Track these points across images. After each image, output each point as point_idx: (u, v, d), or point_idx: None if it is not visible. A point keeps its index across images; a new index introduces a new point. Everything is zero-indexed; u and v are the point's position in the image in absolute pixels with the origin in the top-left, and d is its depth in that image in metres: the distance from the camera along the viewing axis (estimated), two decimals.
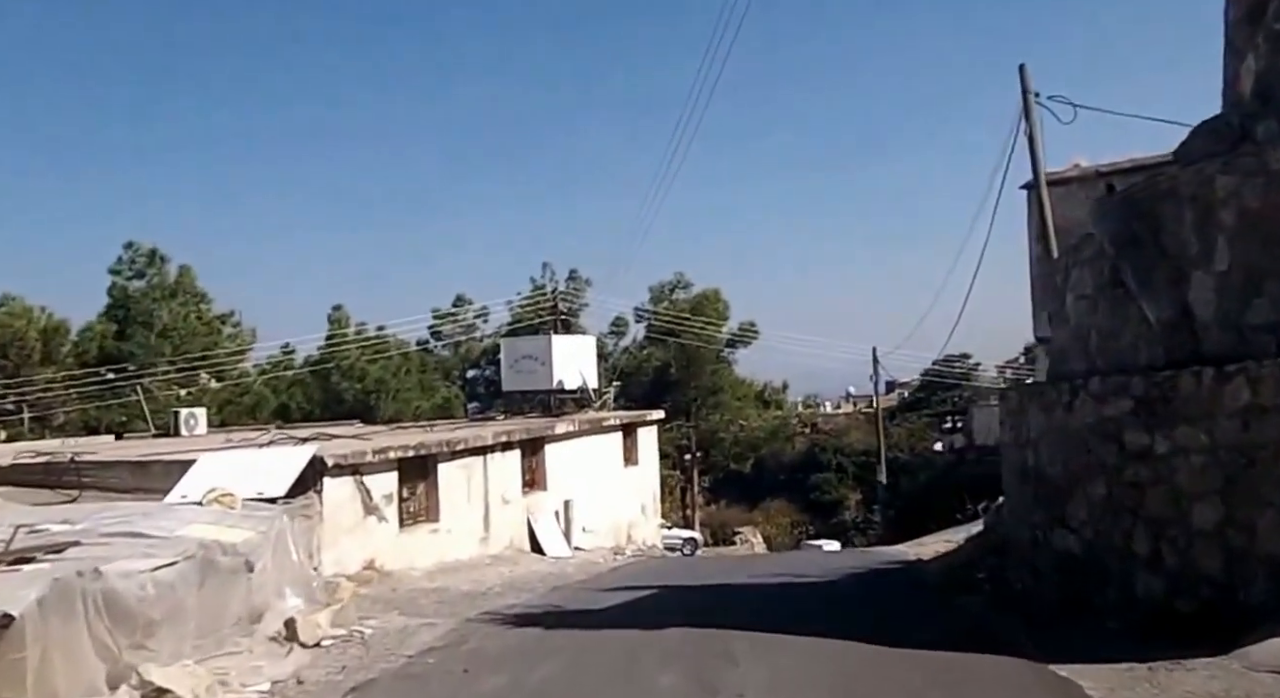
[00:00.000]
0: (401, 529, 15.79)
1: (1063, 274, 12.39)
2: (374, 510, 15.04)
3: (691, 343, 43.60)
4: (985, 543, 15.06)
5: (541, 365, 24.14)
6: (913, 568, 15.79)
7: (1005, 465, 12.92)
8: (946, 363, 69.44)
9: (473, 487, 17.75)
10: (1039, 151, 19.43)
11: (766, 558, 19.12)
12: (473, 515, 17.71)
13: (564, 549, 19.82)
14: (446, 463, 16.96)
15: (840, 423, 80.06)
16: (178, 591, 8.03)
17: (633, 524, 24.51)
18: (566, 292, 43.44)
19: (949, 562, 15.32)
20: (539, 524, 19.61)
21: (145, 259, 35.48)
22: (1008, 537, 13.46)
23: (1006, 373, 68.37)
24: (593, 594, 14.30)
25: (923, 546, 19.35)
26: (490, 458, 18.34)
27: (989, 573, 13.35)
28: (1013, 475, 12.38)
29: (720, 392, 45.61)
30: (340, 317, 40.49)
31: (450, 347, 47.89)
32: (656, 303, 45.82)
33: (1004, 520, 15.78)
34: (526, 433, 19.74)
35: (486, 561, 17.65)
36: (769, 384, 50.10)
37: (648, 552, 23.62)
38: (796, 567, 16.97)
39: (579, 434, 22.06)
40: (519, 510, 19.28)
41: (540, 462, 20.51)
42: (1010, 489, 12.78)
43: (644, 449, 25.74)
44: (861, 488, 72.22)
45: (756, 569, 16.76)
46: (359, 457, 14.59)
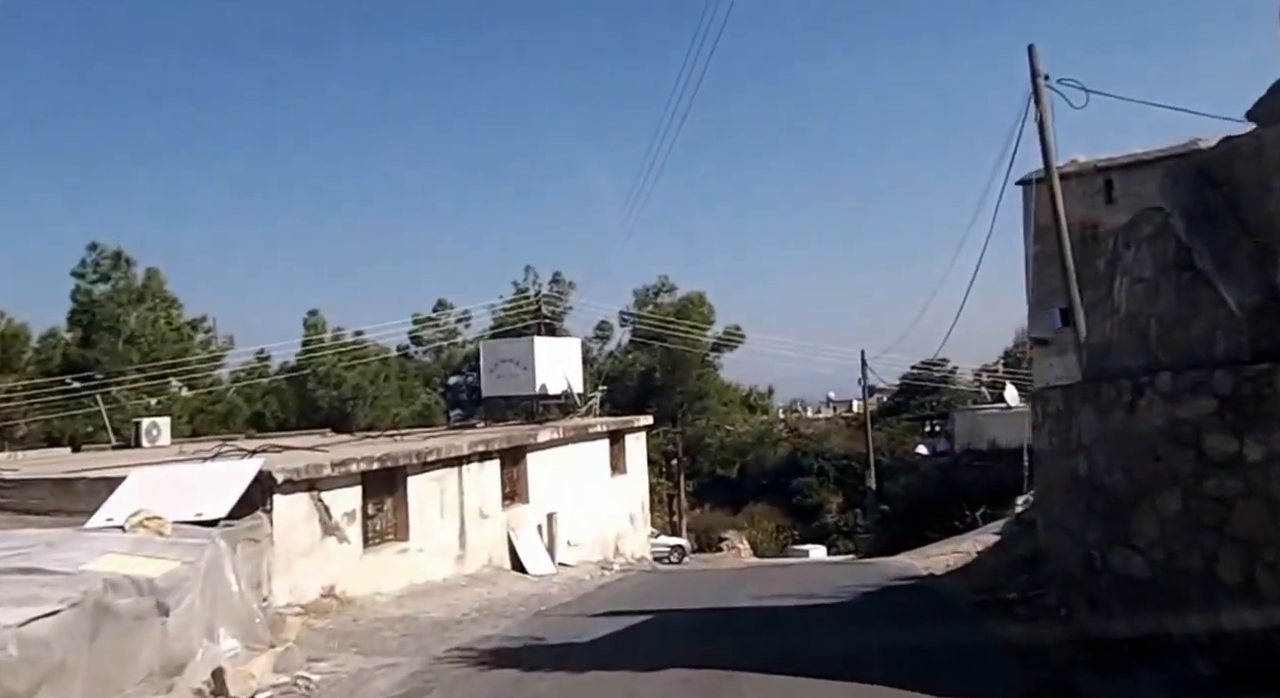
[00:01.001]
0: (366, 550, 13.97)
1: (1108, 257, 10.74)
2: (334, 530, 13.22)
3: (677, 347, 41.91)
4: (1008, 557, 13.38)
5: (524, 370, 22.35)
6: (928, 585, 14.08)
7: (1043, 474, 11.22)
8: (925, 367, 68.20)
9: (446, 501, 15.95)
10: (1050, 137, 17.80)
11: (761, 572, 17.37)
12: (447, 532, 15.90)
13: (547, 566, 18.02)
14: (417, 476, 15.15)
15: (820, 428, 78.64)
16: (55, 649, 6.22)
17: (621, 536, 22.72)
18: (550, 295, 41.69)
19: (969, 578, 13.62)
20: (520, 540, 17.82)
21: (110, 262, 33.45)
22: (1041, 552, 11.80)
23: (982, 377, 67.20)
24: (579, 622, 12.53)
25: (929, 557, 17.66)
26: (466, 469, 16.54)
27: (1022, 594, 11.66)
28: (1056, 486, 10.66)
29: (706, 397, 43.94)
30: (316, 322, 38.52)
31: (431, 352, 46.00)
32: (641, 306, 44.15)
33: (1030, 533, 14.10)
34: (506, 441, 17.95)
35: (462, 581, 15.83)
36: (754, 389, 48.45)
37: (637, 565, 21.84)
38: (799, 584, 15.25)
39: (563, 442, 20.28)
40: (498, 525, 17.48)
41: (521, 472, 18.73)
42: (1051, 501, 11.06)
43: (632, 457, 23.98)
44: (843, 491, 71.12)
45: (756, 587, 15.03)
46: (315, 471, 12.77)
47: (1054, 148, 17.84)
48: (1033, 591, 11.58)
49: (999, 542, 15.15)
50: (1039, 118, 17.75)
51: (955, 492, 26.67)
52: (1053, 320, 18.08)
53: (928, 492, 28.21)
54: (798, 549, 50.27)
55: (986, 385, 62.42)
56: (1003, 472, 28.39)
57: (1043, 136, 17.86)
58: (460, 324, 44.68)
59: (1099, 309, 11.07)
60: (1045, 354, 26.17)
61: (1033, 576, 11.86)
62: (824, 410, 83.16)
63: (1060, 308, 17.72)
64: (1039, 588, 11.42)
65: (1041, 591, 11.32)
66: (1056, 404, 10.50)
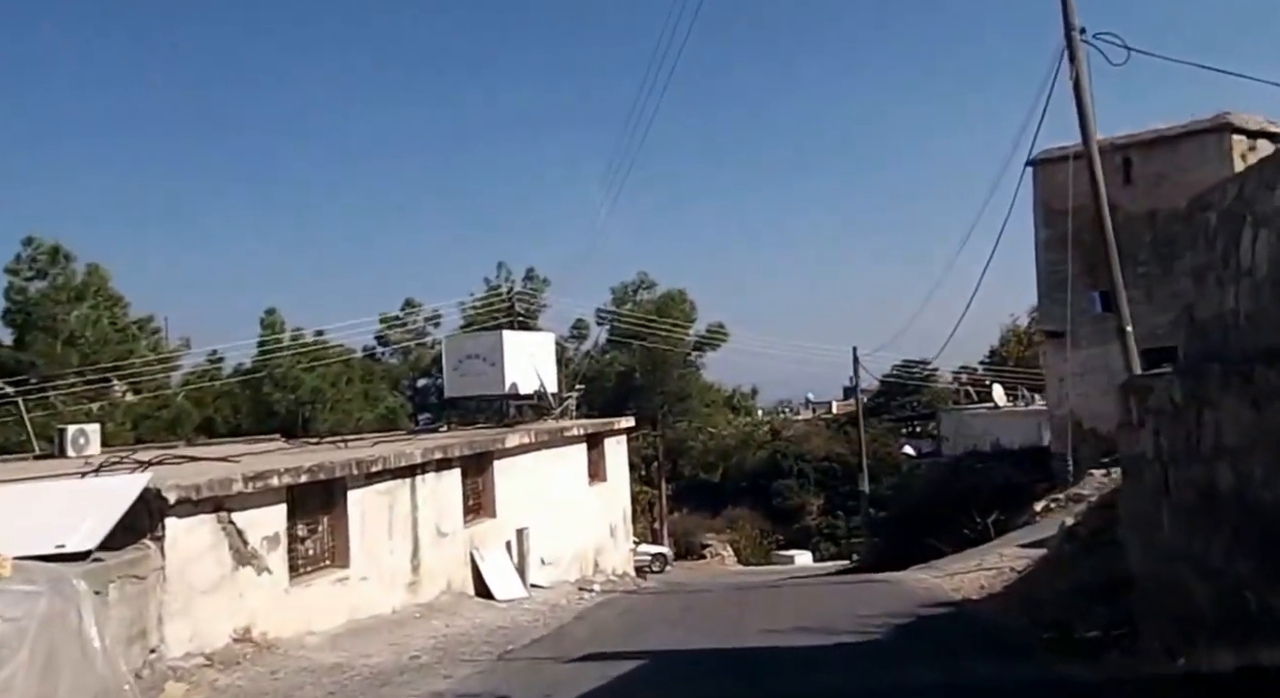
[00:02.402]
0: (294, 582, 11.33)
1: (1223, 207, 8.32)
2: (249, 559, 10.57)
3: (657, 346, 39.40)
4: (1068, 581, 10.93)
5: (491, 367, 19.73)
6: (970, 616, 11.62)
7: (1141, 485, 8.75)
8: (905, 368, 66.13)
9: (397, 518, 13.33)
10: (1086, 98, 15.42)
11: (762, 593, 14.82)
12: (397, 555, 13.28)
13: (517, 590, 15.43)
14: (359, 489, 12.52)
15: (800, 430, 76.45)
16: None
17: (600, 551, 20.15)
18: (524, 292, 39.05)
19: (1019, 607, 11.15)
20: (486, 561, 15.22)
21: (47, 257, 30.48)
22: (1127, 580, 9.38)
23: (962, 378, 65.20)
24: (553, 671, 9.96)
25: (952, 575, 15.21)
26: (421, 480, 13.93)
27: (1104, 632, 9.22)
28: (1169, 502, 8.18)
29: (688, 398, 41.48)
30: (274, 321, 35.71)
31: (399, 354, 43.26)
32: (619, 304, 41.61)
33: (1091, 553, 11.67)
34: (469, 448, 15.34)
35: (416, 613, 13.20)
36: (738, 390, 45.99)
37: (620, 584, 19.28)
38: (812, 611, 12.76)
39: (535, 447, 17.68)
40: (459, 545, 14.87)
41: (487, 482, 16.13)
42: (1156, 520, 8.56)
43: (612, 463, 21.42)
44: (824, 494, 69.08)
45: (762, 615, 12.52)
46: (223, 487, 10.12)
47: (1091, 110, 15.44)
48: (1118, 629, 9.15)
49: (1045, 561, 12.70)
50: (1074, 76, 15.38)
51: (960, 496, 24.26)
52: (1092, 305, 15.73)
53: (930, 495, 25.77)
54: (782, 555, 47.90)
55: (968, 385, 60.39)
56: (1008, 474, 26.10)
57: (1078, 97, 15.48)
58: (429, 324, 42.02)
59: (1210, 275, 8.64)
60: (1058, 347, 23.82)
61: (1113, 609, 9.42)
62: (803, 412, 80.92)
63: (1100, 291, 15.31)
64: (1127, 625, 8.97)
65: (1131, 629, 8.88)
66: (1170, 395, 7.96)
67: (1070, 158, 23.42)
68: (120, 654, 8.34)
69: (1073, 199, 23.53)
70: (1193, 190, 22.01)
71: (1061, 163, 23.71)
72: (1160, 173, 21.80)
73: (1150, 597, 8.56)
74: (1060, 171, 23.80)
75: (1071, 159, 23.35)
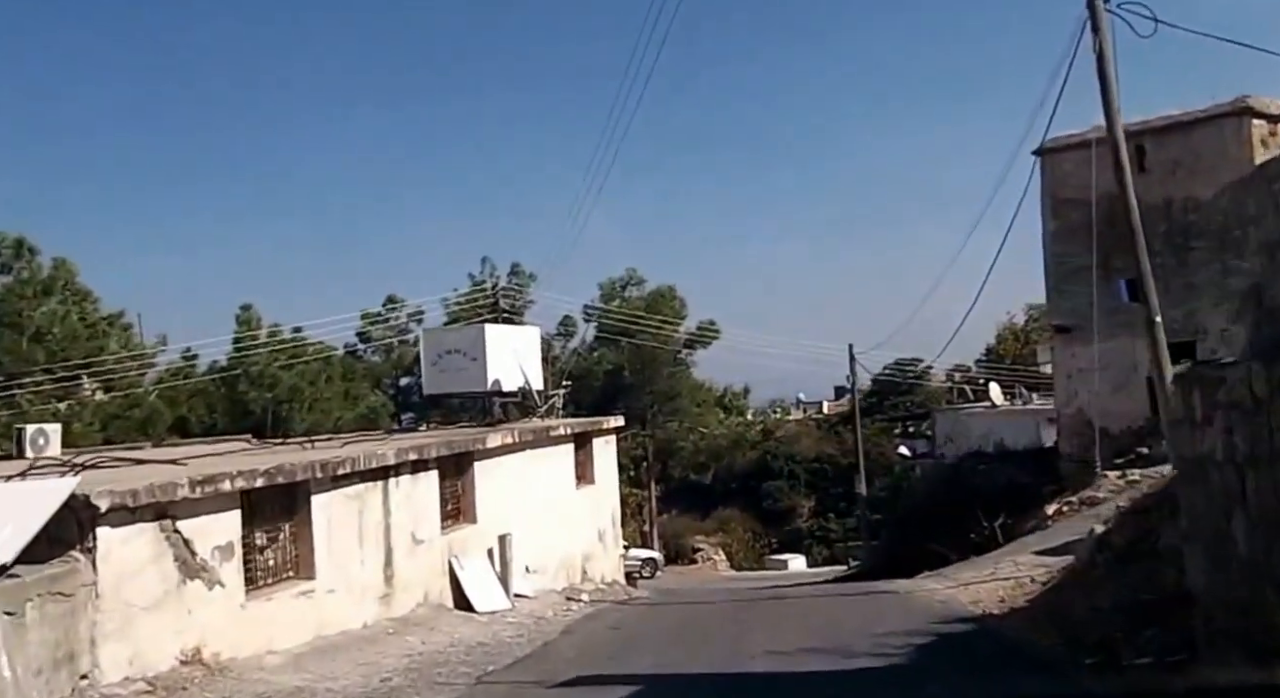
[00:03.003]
0: (251, 595, 10.23)
1: None
2: (199, 572, 9.48)
3: (647, 344, 38.33)
4: (1108, 596, 9.92)
5: (472, 362, 18.61)
6: (996, 633, 10.60)
7: (1205, 491, 7.73)
8: (898, 367, 65.23)
9: (368, 525, 12.24)
10: (1110, 71, 14.40)
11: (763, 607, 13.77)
12: (368, 565, 12.19)
13: (500, 601, 14.36)
14: (325, 493, 11.43)
15: (790, 430, 75.52)
16: None
17: (589, 558, 19.08)
18: (509, 287, 37.93)
19: (1049, 623, 10.14)
20: (466, 570, 14.13)
21: (11, 251, 29.24)
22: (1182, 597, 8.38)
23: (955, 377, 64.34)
24: (536, 696, 8.92)
25: (965, 584, 14.20)
26: (394, 483, 12.84)
27: (1159, 656, 8.22)
28: (1236, 508, 7.16)
29: (678, 397, 40.45)
30: (250, 317, 34.49)
31: (381, 352, 42.07)
32: (607, 301, 40.51)
33: (1126, 565, 10.68)
34: (447, 448, 14.24)
35: (389, 628, 12.11)
36: (729, 388, 44.96)
37: (609, 592, 18.22)
38: (821, 627, 11.76)
39: (519, 448, 16.59)
40: (437, 553, 13.79)
41: (467, 485, 15.04)
42: (1220, 530, 7.54)
43: (601, 464, 20.34)
44: (815, 495, 68.17)
45: (767, 632, 11.49)
46: (166, 492, 9.01)
47: (1115, 86, 14.43)
48: (1174, 654, 8.14)
49: (1073, 572, 11.69)
50: (1097, 48, 14.36)
51: (963, 498, 23.25)
52: (1118, 294, 14.69)
53: (932, 498, 24.77)
54: (776, 560, 46.92)
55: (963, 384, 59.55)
56: (1011, 476, 25.11)
57: (1102, 71, 14.45)
58: (412, 320, 40.82)
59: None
60: (1068, 343, 22.87)
61: (1167, 631, 8.42)
62: (794, 412, 79.95)
63: (1127, 279, 14.34)
64: (1185, 651, 7.97)
65: (1190, 655, 7.87)
66: (1248, 387, 6.93)
67: (1085, 144, 22.55)
68: (39, 683, 7.26)
69: (1084, 185, 22.63)
70: (1210, 178, 21.01)
71: (1069, 151, 22.79)
72: (1175, 160, 20.86)
73: (1217, 619, 7.56)
74: (1068, 160, 22.87)
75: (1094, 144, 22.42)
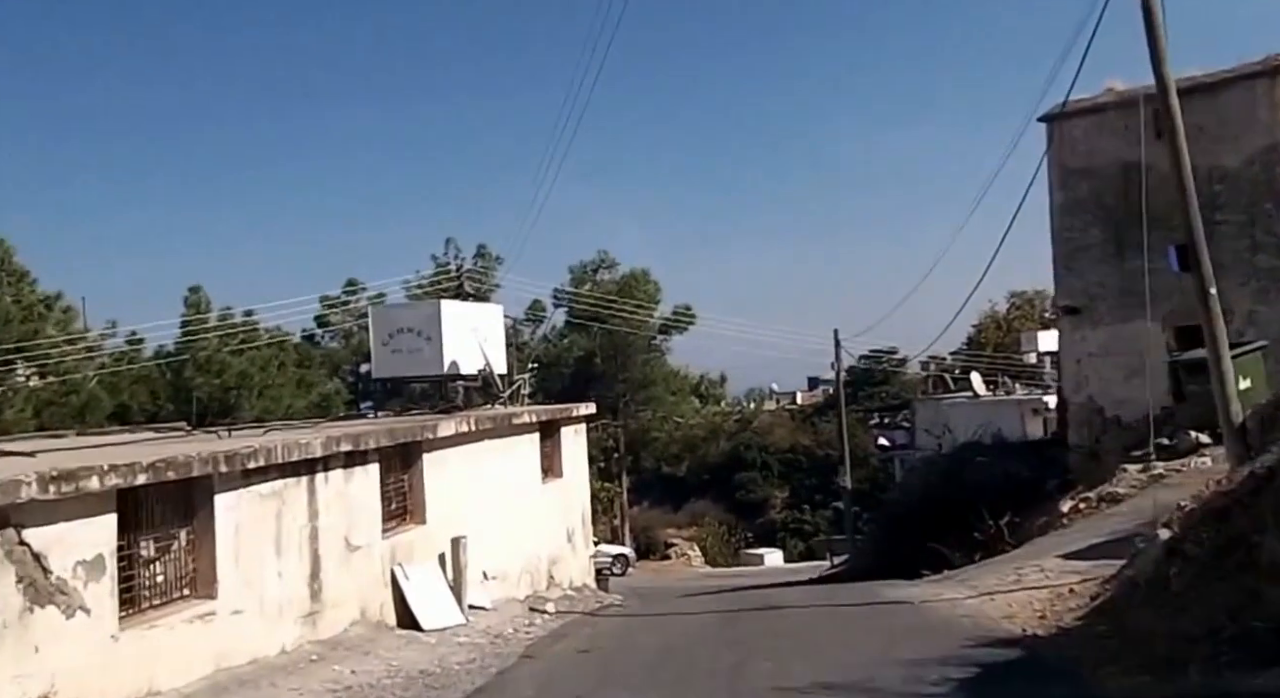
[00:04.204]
0: (128, 623, 8.12)
1: None
2: (52, 596, 7.36)
3: (619, 329, 36.28)
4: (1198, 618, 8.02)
5: (427, 342, 16.49)
6: (1047, 661, 8.69)
7: None
8: (873, 357, 63.77)
9: (288, 529, 10.14)
10: (1157, 8, 12.44)
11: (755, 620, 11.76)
12: (288, 578, 10.08)
13: (451, 615, 12.31)
14: (232, 492, 9.31)
15: (764, 420, 73.96)
16: None
17: (556, 560, 17.05)
18: (474, 270, 35.73)
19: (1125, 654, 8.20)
20: (410, 580, 12.07)
21: None
22: None
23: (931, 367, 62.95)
24: None
25: (991, 596, 12.25)
26: (323, 479, 10.74)
27: None
28: None
29: (652, 385, 38.41)
30: (198, 300, 32.11)
31: (340, 337, 39.75)
32: (578, 285, 38.40)
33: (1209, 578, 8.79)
34: (389, 438, 12.13)
35: (312, 654, 10.02)
36: (705, 376, 43.00)
37: (578, 600, 16.23)
38: (832, 651, 9.81)
39: (476, 437, 14.51)
40: (377, 561, 11.71)
41: (415, 481, 12.95)
42: None
43: (570, 455, 18.31)
44: (789, 487, 66.74)
45: (770, 658, 9.50)
46: (6, 493, 6.89)
47: (1163, 23, 12.47)
48: None
49: (1133, 584, 9.78)
50: None
51: (961, 493, 21.41)
52: (1169, 262, 12.83)
53: (928, 492, 22.92)
54: (751, 555, 45.12)
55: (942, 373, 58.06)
56: (1010, 468, 23.32)
57: (1149, 21, 12.48)
58: (373, 305, 38.44)
59: None
60: (1076, 325, 21.07)
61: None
62: (767, 403, 78.37)
63: (1177, 244, 12.46)
64: None
65: None
66: None
67: (1098, 109, 20.78)
68: None
69: (1095, 153, 20.84)
70: (1236, 144, 19.04)
71: (1079, 117, 20.99)
72: (1198, 125, 18.83)
73: None
74: (1077, 127, 21.06)
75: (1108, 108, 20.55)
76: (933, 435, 29.48)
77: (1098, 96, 20.75)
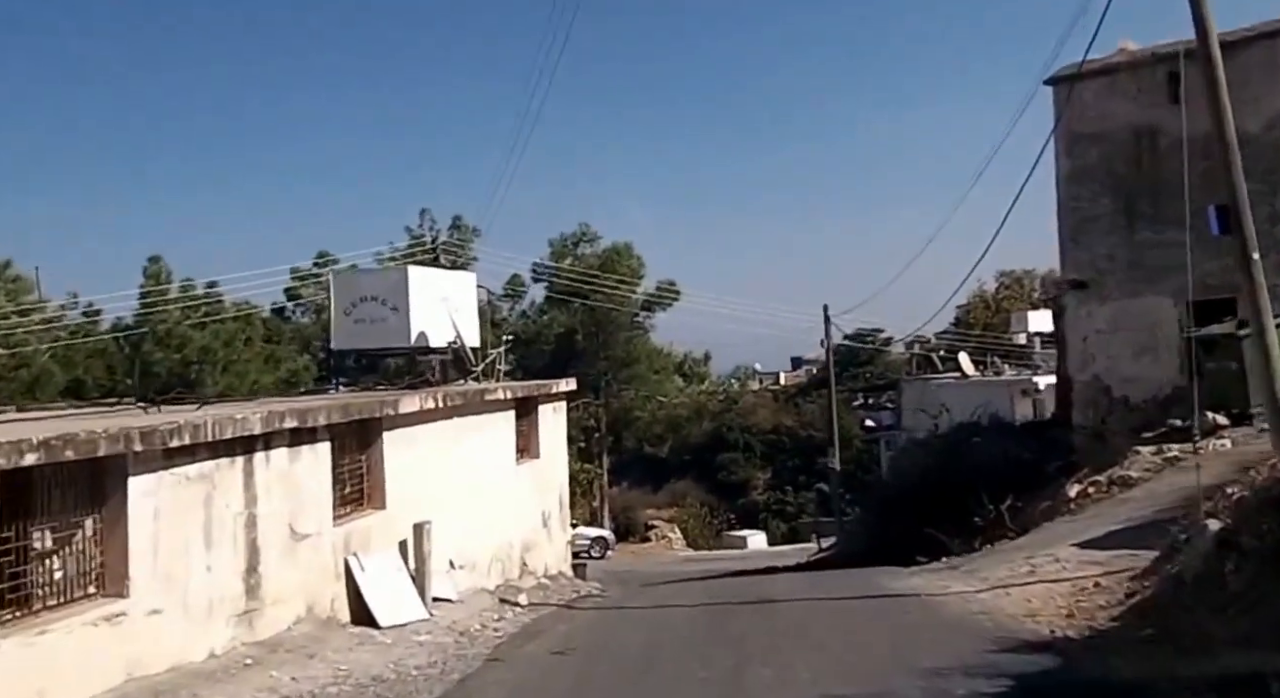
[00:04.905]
0: (10, 630, 6.84)
1: None
2: None
3: (601, 305, 34.97)
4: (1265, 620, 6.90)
5: (393, 311, 15.16)
6: (1089, 670, 7.55)
7: None
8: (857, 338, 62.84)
9: (220, 517, 8.86)
10: None
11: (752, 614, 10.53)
12: (220, 572, 8.81)
13: (412, 610, 11.08)
14: (150, 474, 8.03)
15: (747, 401, 72.93)
16: None
17: (530, 547, 15.84)
18: (450, 242, 34.28)
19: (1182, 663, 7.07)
20: (368, 572, 10.82)
21: None
22: None
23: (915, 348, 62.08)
24: None
25: (1005, 589, 11.10)
26: (264, 460, 9.46)
27: None
28: None
29: (635, 363, 37.14)
30: (158, 271, 30.57)
31: (311, 312, 38.27)
32: (559, 259, 37.01)
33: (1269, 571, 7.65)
34: (342, 414, 10.84)
35: (245, 660, 8.76)
36: (690, 355, 41.75)
37: (553, 589, 15.04)
38: (837, 649, 8.65)
39: (444, 414, 13.24)
40: (328, 551, 10.45)
41: (374, 462, 11.68)
42: None
43: (547, 435, 17.08)
44: (771, 468, 65.82)
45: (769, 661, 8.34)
46: None
47: None
48: None
49: (1178, 581, 8.65)
50: None
51: (959, 475, 20.30)
52: (1209, 224, 11.64)
53: (925, 473, 21.79)
54: (734, 537, 44.07)
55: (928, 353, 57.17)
56: (1009, 450, 22.23)
57: None
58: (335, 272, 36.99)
59: None
60: (1082, 300, 19.93)
61: None
62: (751, 383, 77.35)
63: (1217, 204, 11.26)
64: None
65: None
66: None
67: (1110, 70, 19.57)
68: None
69: (1106, 117, 19.64)
70: (1257, 107, 17.72)
71: (1089, 79, 19.74)
72: None
73: None
74: (1088, 89, 19.81)
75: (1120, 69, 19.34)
76: (929, 415, 28.33)
77: (1110, 57, 19.55)
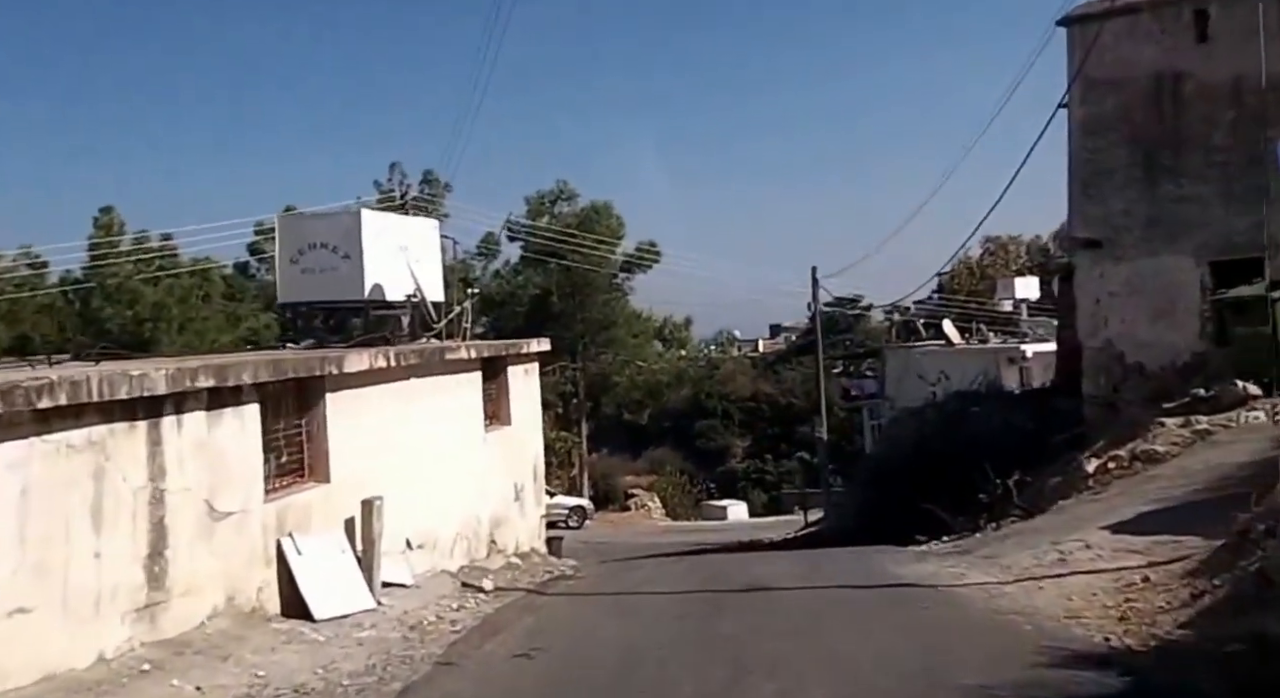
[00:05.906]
0: None
1: None
2: None
3: (579, 266, 33.34)
4: None
5: (344, 259, 13.53)
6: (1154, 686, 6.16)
7: None
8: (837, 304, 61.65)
9: (115, 493, 7.30)
10: None
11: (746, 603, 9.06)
12: (111, 560, 7.26)
13: (357, 599, 9.58)
14: (15, 443, 6.46)
15: (725, 368, 71.71)
16: None
17: (499, 522, 14.36)
18: (421, 197, 32.48)
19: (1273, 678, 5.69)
20: (304, 555, 9.30)
21: None
22: None
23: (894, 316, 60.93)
24: None
25: (1036, 581, 9.73)
26: (173, 425, 7.88)
27: None
28: None
29: (613, 326, 35.61)
30: (110, 222, 28.65)
31: None
32: (535, 217, 35.28)
33: None
34: (273, 372, 9.25)
35: (142, 665, 7.22)
36: (670, 319, 40.24)
37: (523, 570, 13.59)
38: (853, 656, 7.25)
39: (398, 375, 11.67)
40: (255, 531, 8.89)
41: (315, 428, 10.11)
42: None
43: (519, 400, 15.54)
44: (750, 436, 64.85)
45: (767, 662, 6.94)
46: None
47: None
48: None
49: (1260, 576, 7.29)
50: None
51: (959, 447, 19.05)
52: (1273, 159, 10.22)
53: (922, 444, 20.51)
54: (714, 507, 42.89)
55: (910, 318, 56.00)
56: (1009, 420, 20.96)
57: None
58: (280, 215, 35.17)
59: None
60: (1094, 260, 18.55)
61: None
62: (731, 350, 76.15)
63: None
64: None
65: None
66: None
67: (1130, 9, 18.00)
68: None
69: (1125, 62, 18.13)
70: None
71: (1107, 20, 18.23)
72: (1247, 26, 16.29)
73: None
74: (1106, 32, 18.28)
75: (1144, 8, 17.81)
76: (927, 383, 27.02)
77: None
